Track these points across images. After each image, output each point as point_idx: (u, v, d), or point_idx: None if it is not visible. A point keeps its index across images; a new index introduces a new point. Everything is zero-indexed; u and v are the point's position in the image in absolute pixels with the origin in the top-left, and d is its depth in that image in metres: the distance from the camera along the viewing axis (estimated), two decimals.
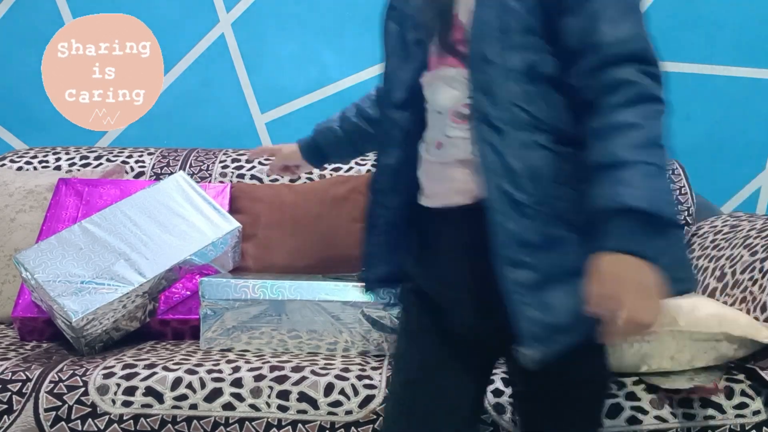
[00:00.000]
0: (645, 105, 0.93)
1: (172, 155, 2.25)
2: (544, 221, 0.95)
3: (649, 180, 0.89)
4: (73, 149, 2.28)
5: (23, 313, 1.77)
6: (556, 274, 0.95)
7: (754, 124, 2.41)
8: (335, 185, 2.08)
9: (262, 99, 2.48)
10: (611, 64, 0.94)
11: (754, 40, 2.39)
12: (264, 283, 1.66)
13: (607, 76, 0.94)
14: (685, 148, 2.40)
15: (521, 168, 0.95)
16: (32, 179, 2.08)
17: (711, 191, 2.37)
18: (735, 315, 1.49)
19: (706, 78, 2.41)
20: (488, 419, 1.43)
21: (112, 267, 1.68)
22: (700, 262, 1.83)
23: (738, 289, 1.63)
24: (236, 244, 1.90)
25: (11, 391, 1.49)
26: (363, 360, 1.60)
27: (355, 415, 1.45)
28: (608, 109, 0.93)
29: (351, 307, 1.65)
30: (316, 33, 2.44)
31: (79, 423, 1.46)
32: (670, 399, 1.44)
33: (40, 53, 2.44)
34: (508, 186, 0.95)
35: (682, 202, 2.12)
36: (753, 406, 1.44)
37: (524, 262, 0.95)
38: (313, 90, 2.46)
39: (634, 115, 0.92)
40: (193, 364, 1.53)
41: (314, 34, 2.44)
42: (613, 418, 1.42)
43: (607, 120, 0.93)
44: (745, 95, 2.41)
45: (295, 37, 2.44)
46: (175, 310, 1.79)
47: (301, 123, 2.44)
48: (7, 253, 1.94)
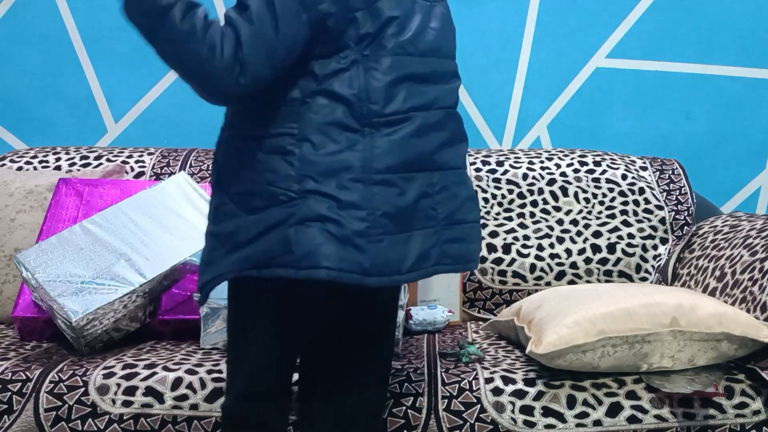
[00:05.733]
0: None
1: (172, 155, 2.24)
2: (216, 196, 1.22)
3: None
4: (73, 149, 2.28)
5: (23, 313, 1.77)
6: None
7: (754, 124, 2.42)
8: None
9: None
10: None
11: (754, 40, 2.39)
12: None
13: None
14: (685, 148, 2.41)
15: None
16: (32, 179, 2.07)
17: (711, 191, 2.37)
18: (735, 314, 1.49)
19: (706, 78, 2.41)
20: (488, 418, 1.43)
21: (113, 267, 1.68)
22: (700, 262, 1.83)
23: (738, 289, 1.63)
24: None
25: (11, 391, 1.49)
26: None
27: None
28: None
29: None
30: None
31: (79, 423, 1.46)
32: (670, 399, 1.44)
33: (40, 53, 2.45)
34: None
35: (682, 202, 2.12)
36: (753, 406, 1.44)
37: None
38: None
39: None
40: (193, 364, 1.53)
41: None
42: (613, 416, 1.42)
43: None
44: (745, 95, 2.41)
45: None
46: (175, 310, 1.79)
47: None
48: (7, 253, 1.94)
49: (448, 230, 1.21)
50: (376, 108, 1.15)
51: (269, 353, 1.25)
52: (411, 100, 1.18)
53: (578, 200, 2.11)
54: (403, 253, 1.16)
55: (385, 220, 1.14)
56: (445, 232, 1.21)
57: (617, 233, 2.06)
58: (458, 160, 1.26)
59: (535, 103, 2.44)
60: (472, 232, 1.27)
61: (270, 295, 1.20)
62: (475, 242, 1.28)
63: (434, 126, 1.21)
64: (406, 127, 1.17)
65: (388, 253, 1.14)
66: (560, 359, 1.44)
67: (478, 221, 1.29)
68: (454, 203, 1.23)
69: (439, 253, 1.20)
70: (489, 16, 2.41)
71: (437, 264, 1.20)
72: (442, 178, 1.21)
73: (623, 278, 2.02)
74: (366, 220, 1.13)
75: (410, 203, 1.17)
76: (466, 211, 1.25)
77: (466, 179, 1.28)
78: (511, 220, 2.09)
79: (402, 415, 1.45)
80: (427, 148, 1.19)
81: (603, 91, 2.42)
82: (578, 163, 2.17)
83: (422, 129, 1.19)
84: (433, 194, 1.20)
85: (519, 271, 2.03)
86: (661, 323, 1.45)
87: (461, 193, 1.25)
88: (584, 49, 2.42)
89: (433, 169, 1.20)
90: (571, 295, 1.61)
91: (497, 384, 1.47)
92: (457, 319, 1.97)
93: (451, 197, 1.22)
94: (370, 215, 1.13)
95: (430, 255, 1.19)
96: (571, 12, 2.40)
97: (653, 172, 2.19)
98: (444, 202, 1.21)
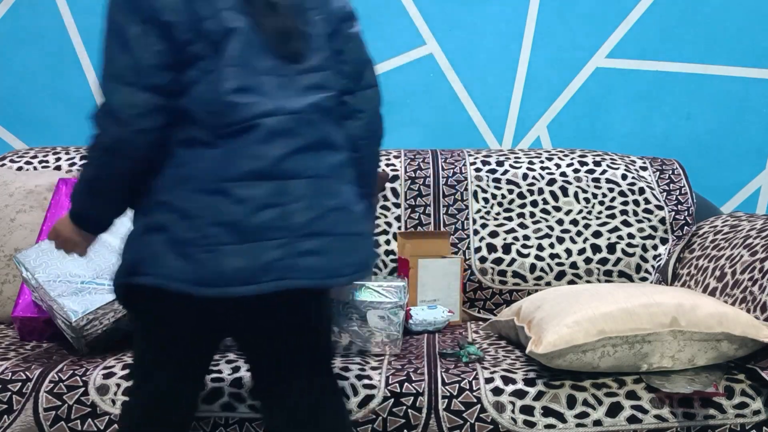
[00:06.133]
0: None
1: None
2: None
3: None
4: (73, 149, 2.28)
5: (23, 313, 1.77)
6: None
7: (754, 124, 2.42)
8: None
9: None
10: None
11: (754, 40, 2.39)
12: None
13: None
14: (685, 148, 2.41)
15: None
16: (32, 179, 2.08)
17: (711, 191, 2.38)
18: (735, 314, 1.49)
19: (706, 78, 2.41)
20: (488, 418, 1.43)
21: (113, 267, 1.68)
22: (700, 262, 1.83)
23: (738, 289, 1.63)
24: None
25: (11, 391, 1.49)
26: (362, 360, 1.60)
27: (354, 415, 1.45)
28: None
29: (351, 307, 1.65)
30: None
31: (78, 423, 1.46)
32: (670, 399, 1.44)
33: (40, 53, 2.44)
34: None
35: (682, 202, 2.12)
36: (753, 406, 1.44)
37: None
38: None
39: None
40: None
41: None
42: (614, 416, 1.42)
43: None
44: (745, 95, 2.41)
45: None
46: None
47: None
48: (7, 253, 1.94)
49: (303, 242, 1.15)
50: (220, 119, 1.15)
51: (164, 355, 1.28)
52: (254, 108, 1.16)
53: (578, 200, 2.11)
54: (239, 264, 1.12)
55: (218, 229, 1.12)
56: (300, 244, 1.14)
57: (617, 233, 2.06)
58: (321, 168, 1.20)
59: (535, 103, 2.44)
60: (338, 245, 1.18)
61: (148, 303, 1.23)
62: (340, 256, 1.18)
63: (282, 133, 1.17)
64: (250, 135, 1.15)
65: (221, 263, 1.12)
66: (560, 359, 1.44)
67: (349, 234, 1.21)
68: (310, 213, 1.16)
69: (288, 266, 1.13)
70: (489, 16, 2.41)
71: (283, 278, 1.13)
72: (296, 188, 1.16)
73: (623, 278, 2.03)
74: (198, 229, 1.13)
75: (248, 213, 1.13)
76: (329, 224, 1.18)
77: (336, 190, 1.21)
78: (511, 220, 2.09)
79: (402, 415, 1.45)
80: (273, 155, 1.16)
81: (603, 91, 2.42)
82: (578, 163, 2.17)
83: (268, 136, 1.16)
84: (282, 204, 1.15)
85: (519, 271, 2.03)
86: (661, 323, 1.45)
87: (324, 204, 1.18)
88: (584, 49, 2.42)
89: (283, 177, 1.16)
90: (571, 295, 1.61)
91: (497, 384, 1.47)
92: (457, 319, 1.98)
93: (307, 207, 1.16)
94: (202, 225, 1.13)
95: (273, 268, 1.13)
96: (571, 12, 2.40)
97: (653, 172, 2.19)
98: (299, 212, 1.15)
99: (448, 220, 2.10)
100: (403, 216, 2.11)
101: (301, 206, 1.16)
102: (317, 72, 1.24)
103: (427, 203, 2.12)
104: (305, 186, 1.17)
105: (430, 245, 2.00)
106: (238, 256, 1.12)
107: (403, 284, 1.69)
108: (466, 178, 2.15)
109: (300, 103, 1.20)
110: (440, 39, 2.42)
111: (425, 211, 2.12)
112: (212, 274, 1.12)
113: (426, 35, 2.43)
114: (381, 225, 2.09)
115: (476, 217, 2.10)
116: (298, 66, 1.22)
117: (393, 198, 2.13)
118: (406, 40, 2.43)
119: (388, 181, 2.14)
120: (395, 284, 1.68)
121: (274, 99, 1.18)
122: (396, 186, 2.14)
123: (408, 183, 2.15)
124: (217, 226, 1.13)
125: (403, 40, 2.43)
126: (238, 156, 1.15)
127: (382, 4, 2.42)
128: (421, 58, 2.43)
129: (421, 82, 2.43)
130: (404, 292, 1.68)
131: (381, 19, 2.41)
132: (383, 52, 2.42)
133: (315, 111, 1.21)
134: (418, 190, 2.14)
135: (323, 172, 1.20)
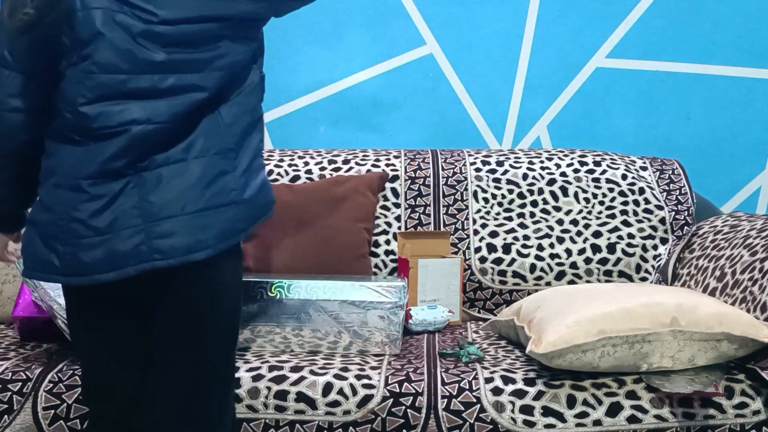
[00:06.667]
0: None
1: None
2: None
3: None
4: None
5: (23, 313, 1.77)
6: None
7: (754, 124, 2.42)
8: (335, 185, 2.08)
9: None
10: None
11: (754, 40, 2.39)
12: (264, 282, 1.66)
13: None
14: (685, 148, 2.41)
15: None
16: None
17: (711, 191, 2.38)
18: (735, 314, 1.49)
19: (706, 78, 2.41)
20: (488, 418, 1.43)
21: None
22: (700, 262, 1.83)
23: (738, 289, 1.63)
24: None
25: (11, 391, 1.49)
26: (362, 359, 1.60)
27: (353, 415, 1.45)
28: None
29: (351, 307, 1.65)
30: (316, 33, 2.44)
31: (78, 422, 1.47)
32: (670, 399, 1.44)
33: None
34: None
35: (682, 202, 2.12)
36: (753, 406, 1.44)
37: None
38: (312, 90, 2.46)
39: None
40: None
41: (313, 34, 2.44)
42: (613, 416, 1.42)
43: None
44: (745, 95, 2.41)
45: (295, 37, 2.44)
46: None
47: (301, 123, 2.45)
48: None
49: (158, 226, 1.20)
50: (79, 118, 1.20)
51: (89, 349, 1.35)
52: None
53: (578, 200, 2.11)
54: (100, 254, 1.19)
55: (76, 224, 1.20)
56: (156, 228, 1.20)
57: (617, 233, 2.06)
58: (177, 153, 1.22)
59: (535, 103, 2.44)
60: (194, 222, 1.21)
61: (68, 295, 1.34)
62: (196, 233, 1.21)
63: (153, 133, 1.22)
64: (118, 137, 1.20)
65: (84, 254, 1.19)
66: (560, 359, 1.44)
67: (202, 209, 1.22)
68: (164, 197, 1.20)
69: (147, 250, 1.19)
70: (489, 16, 2.41)
71: (145, 261, 1.19)
72: (149, 178, 1.21)
73: (623, 278, 2.02)
74: (57, 224, 1.21)
75: (103, 205, 1.20)
76: (181, 203, 1.21)
77: (187, 168, 1.22)
78: (511, 220, 2.09)
79: (401, 415, 1.45)
80: (111, 152, 1.21)
81: (603, 91, 2.42)
82: (578, 163, 2.17)
83: (134, 140, 1.20)
84: (135, 195, 1.20)
85: (519, 271, 2.03)
86: (661, 323, 1.45)
87: (177, 185, 1.21)
88: (584, 49, 2.42)
89: (135, 171, 1.21)
90: (571, 294, 1.61)
91: (497, 384, 1.47)
92: (457, 319, 1.97)
93: (163, 191, 1.21)
94: (60, 219, 1.21)
95: (133, 253, 1.19)
96: (571, 12, 2.40)
97: (653, 172, 2.19)
98: (151, 198, 1.20)
99: (448, 220, 2.10)
100: (403, 216, 2.11)
101: (155, 193, 1.21)
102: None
103: (427, 203, 2.12)
104: (157, 175, 1.22)
105: (430, 245, 2.00)
106: (98, 247, 1.19)
107: (402, 284, 1.69)
108: (466, 178, 2.15)
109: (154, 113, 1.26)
110: (440, 39, 2.42)
111: (425, 211, 2.12)
112: (77, 265, 1.20)
113: (426, 35, 2.43)
114: (381, 225, 2.09)
115: (476, 217, 2.10)
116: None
117: (393, 198, 2.13)
118: (406, 40, 2.43)
119: (388, 181, 2.14)
120: (395, 284, 1.68)
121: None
122: (396, 186, 2.14)
123: (408, 183, 2.15)
124: (74, 221, 1.20)
125: (403, 40, 2.43)
126: (90, 153, 1.21)
127: (382, 4, 2.42)
128: (421, 58, 2.43)
129: (421, 82, 2.43)
130: (404, 292, 1.68)
131: (381, 19, 2.41)
132: (383, 52, 2.42)
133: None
134: (418, 190, 2.14)
135: (179, 157, 1.23)
